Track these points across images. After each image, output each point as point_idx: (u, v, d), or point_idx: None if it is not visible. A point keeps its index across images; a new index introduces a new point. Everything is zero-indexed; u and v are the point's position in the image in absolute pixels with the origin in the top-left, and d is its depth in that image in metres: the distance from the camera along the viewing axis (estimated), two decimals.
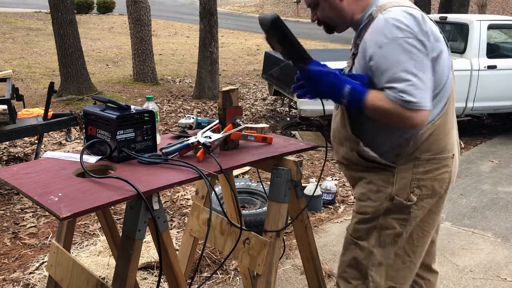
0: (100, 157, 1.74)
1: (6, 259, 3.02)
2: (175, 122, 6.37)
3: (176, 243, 3.13)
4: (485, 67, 5.64)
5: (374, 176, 1.71)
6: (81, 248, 3.16)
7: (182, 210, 3.80)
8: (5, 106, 4.04)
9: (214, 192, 1.88)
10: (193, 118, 2.11)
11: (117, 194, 1.42)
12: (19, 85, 7.59)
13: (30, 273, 2.85)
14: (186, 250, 2.40)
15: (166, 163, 1.69)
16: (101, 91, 7.94)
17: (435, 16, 6.62)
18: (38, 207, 3.74)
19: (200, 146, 1.76)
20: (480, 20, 5.73)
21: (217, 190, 3.29)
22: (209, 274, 2.89)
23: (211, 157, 1.73)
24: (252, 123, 4.58)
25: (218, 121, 1.95)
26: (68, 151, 2.14)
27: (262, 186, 3.36)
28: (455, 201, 4.09)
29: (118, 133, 1.68)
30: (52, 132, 5.48)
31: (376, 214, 1.71)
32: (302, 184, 2.65)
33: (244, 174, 4.62)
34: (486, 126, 6.80)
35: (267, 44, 1.64)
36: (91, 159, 1.73)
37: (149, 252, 2.95)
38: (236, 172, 4.36)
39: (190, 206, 3.65)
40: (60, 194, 1.42)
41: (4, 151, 5.03)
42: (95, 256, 2.97)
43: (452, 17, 6.36)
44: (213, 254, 3.07)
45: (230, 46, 14.88)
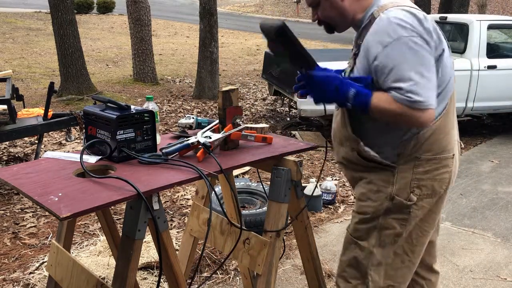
0: (100, 157, 1.74)
1: (6, 259, 3.02)
2: (175, 122, 6.37)
3: (176, 243, 3.13)
4: (485, 67, 5.64)
5: (374, 176, 1.71)
6: (81, 248, 3.16)
7: (182, 210, 3.80)
8: (5, 106, 4.04)
9: (214, 192, 1.88)
10: (193, 118, 2.11)
11: (117, 194, 1.42)
12: (19, 85, 7.59)
13: (30, 273, 2.85)
14: (186, 250, 2.40)
15: (166, 163, 1.69)
16: (101, 91, 7.94)
17: (435, 16, 6.62)
18: (38, 207, 3.74)
19: (200, 146, 1.76)
20: (480, 20, 5.73)
21: (217, 190, 3.29)
22: (209, 274, 2.89)
23: (211, 157, 1.73)
24: (252, 123, 4.58)
25: (218, 121, 1.95)
26: (68, 151, 2.14)
27: (262, 186, 3.36)
28: (455, 201, 4.09)
29: (118, 133, 1.68)
30: (52, 132, 5.48)
31: (376, 214, 1.71)
32: (302, 184, 2.65)
33: (244, 174, 4.62)
34: (486, 126, 6.80)
35: (270, 50, 1.63)
36: (91, 159, 1.73)
37: (149, 252, 2.95)
38: (236, 172, 4.36)
39: (190, 206, 3.65)
40: (60, 194, 1.42)
41: (4, 151, 5.03)
42: (95, 256, 2.97)
43: (452, 17, 6.36)
44: (213, 254, 3.07)
45: (230, 46, 14.89)
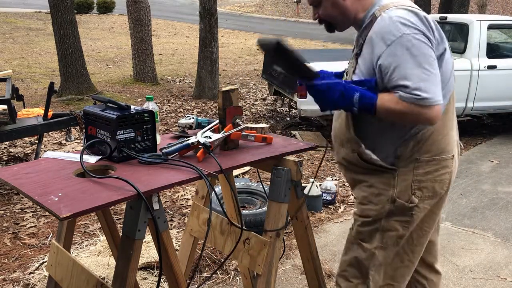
0: (100, 157, 1.74)
1: (6, 259, 3.02)
2: (175, 122, 6.37)
3: (176, 243, 3.13)
4: (485, 67, 5.64)
5: (375, 179, 1.71)
6: (81, 248, 3.16)
7: (182, 210, 3.80)
8: (5, 106, 4.04)
9: (214, 192, 1.88)
10: (193, 118, 2.11)
11: (117, 194, 1.42)
12: (19, 85, 7.58)
13: (30, 273, 2.85)
14: (186, 250, 2.40)
15: (166, 163, 1.69)
16: (101, 91, 7.94)
17: (435, 16, 6.62)
18: (38, 207, 3.74)
19: (200, 146, 1.76)
20: (480, 20, 5.73)
21: (217, 190, 3.29)
22: (209, 274, 2.89)
23: (211, 157, 1.73)
24: (252, 123, 4.58)
25: (218, 121, 1.95)
26: (68, 151, 2.14)
27: (262, 186, 3.36)
28: (455, 201, 4.09)
29: (118, 133, 1.68)
30: (52, 132, 5.47)
31: (378, 217, 1.71)
32: (302, 184, 2.64)
33: (244, 174, 4.62)
34: (486, 126, 6.80)
35: (269, 65, 1.67)
36: (91, 159, 1.73)
37: (149, 252, 2.95)
38: (236, 172, 4.36)
39: (190, 206, 3.65)
40: (60, 194, 1.42)
41: (4, 151, 5.03)
42: (95, 256, 2.97)
43: (452, 17, 6.36)
44: (213, 254, 3.07)
45: (230, 46, 14.89)
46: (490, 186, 4.45)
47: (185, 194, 4.09)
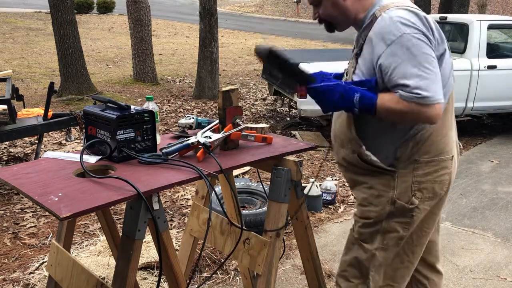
0: (100, 157, 1.74)
1: (6, 259, 3.02)
2: (175, 122, 6.37)
3: (176, 243, 3.13)
4: (485, 67, 5.64)
5: (374, 180, 1.71)
6: (81, 248, 3.16)
7: (182, 210, 3.80)
8: (5, 106, 4.04)
9: (214, 192, 1.88)
10: (193, 118, 2.11)
11: (117, 194, 1.42)
12: (19, 85, 7.58)
13: (30, 273, 2.85)
14: (186, 250, 2.40)
15: (166, 163, 1.69)
16: (101, 91, 7.94)
17: (435, 16, 6.62)
18: (38, 207, 3.74)
19: (200, 146, 1.76)
20: (480, 20, 5.73)
21: (217, 190, 3.29)
22: (209, 274, 2.89)
23: (211, 157, 1.73)
24: (252, 123, 4.58)
25: (218, 121, 1.95)
26: (68, 151, 2.14)
27: (262, 186, 3.36)
28: (455, 201, 4.09)
29: (118, 133, 1.68)
30: (52, 132, 5.47)
31: (379, 218, 1.72)
32: (302, 184, 2.64)
33: (244, 174, 4.62)
34: (486, 126, 6.80)
35: (266, 71, 1.70)
36: (91, 159, 1.73)
37: (149, 252, 2.95)
38: (236, 172, 4.36)
39: (190, 206, 3.65)
40: (60, 194, 1.42)
41: (4, 151, 5.03)
42: (95, 256, 2.97)
43: (452, 17, 6.36)
44: (213, 254, 3.07)
45: (230, 46, 14.88)
46: (490, 186, 4.45)
47: (185, 194, 4.09)
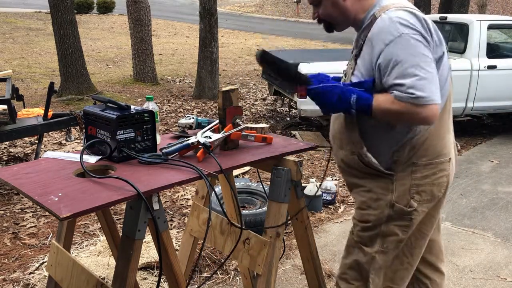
0: (100, 157, 1.74)
1: (6, 259, 3.02)
2: (175, 122, 6.37)
3: (176, 243, 3.13)
4: (485, 67, 5.64)
5: (373, 184, 1.71)
6: (81, 248, 3.16)
7: (182, 210, 3.80)
8: (5, 106, 4.04)
9: (214, 192, 1.88)
10: (193, 118, 2.11)
11: (117, 194, 1.42)
12: (19, 85, 7.58)
13: (30, 273, 2.85)
14: (186, 250, 2.40)
15: (166, 163, 1.69)
16: (101, 91, 7.94)
17: (435, 16, 6.62)
18: (38, 207, 3.74)
19: (200, 146, 1.76)
20: (480, 20, 5.73)
21: (217, 190, 3.29)
22: (209, 274, 2.89)
23: (211, 157, 1.73)
24: (252, 123, 4.58)
25: (218, 121, 1.95)
26: (68, 151, 2.14)
27: (262, 186, 3.36)
28: (455, 201, 4.09)
29: (118, 133, 1.68)
30: (52, 132, 5.47)
31: (378, 222, 1.72)
32: (302, 184, 2.65)
33: (244, 174, 4.62)
34: (486, 126, 6.80)
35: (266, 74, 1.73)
36: (91, 159, 1.73)
37: (149, 252, 2.95)
38: (236, 172, 4.36)
39: (190, 206, 3.65)
40: (60, 194, 1.42)
41: (4, 151, 5.03)
42: (95, 256, 2.97)
43: (452, 17, 6.36)
44: (213, 254, 3.07)
45: (230, 46, 14.88)
46: (490, 186, 4.45)
47: (185, 194, 4.09)
